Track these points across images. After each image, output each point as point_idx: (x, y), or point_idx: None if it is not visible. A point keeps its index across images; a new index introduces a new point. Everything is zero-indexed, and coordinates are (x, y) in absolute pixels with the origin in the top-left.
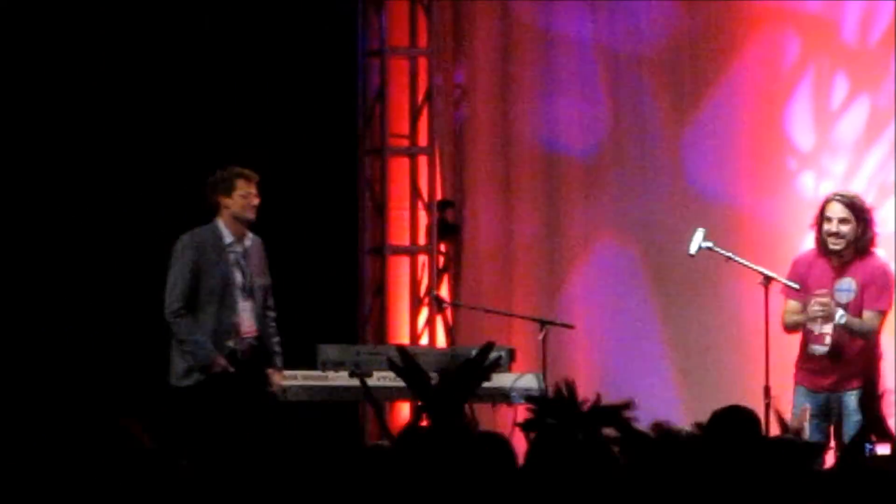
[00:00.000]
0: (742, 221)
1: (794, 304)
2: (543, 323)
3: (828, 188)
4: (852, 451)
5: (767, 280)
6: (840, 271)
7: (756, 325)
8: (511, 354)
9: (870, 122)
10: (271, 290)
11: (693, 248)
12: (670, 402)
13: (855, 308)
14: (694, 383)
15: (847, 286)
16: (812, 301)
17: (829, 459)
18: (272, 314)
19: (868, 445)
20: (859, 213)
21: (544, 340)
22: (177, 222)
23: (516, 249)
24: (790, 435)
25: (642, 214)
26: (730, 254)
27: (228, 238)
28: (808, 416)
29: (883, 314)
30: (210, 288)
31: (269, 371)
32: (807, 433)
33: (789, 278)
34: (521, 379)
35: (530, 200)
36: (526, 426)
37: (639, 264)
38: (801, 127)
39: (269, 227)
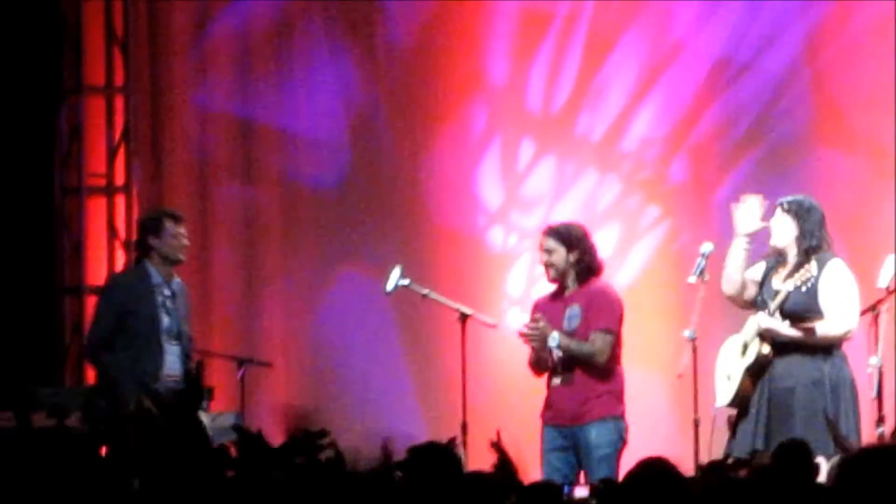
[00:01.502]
0: (448, 271)
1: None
2: (241, 361)
3: (514, 241)
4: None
5: (464, 317)
6: (568, 301)
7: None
8: (209, 393)
9: (556, 180)
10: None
11: (390, 286)
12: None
13: (583, 335)
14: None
15: (572, 314)
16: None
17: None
18: (192, 358)
19: (567, 488)
20: (569, 241)
21: (243, 379)
22: None
23: (213, 287)
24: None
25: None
26: (426, 291)
27: (157, 279)
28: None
29: (608, 334)
30: (136, 329)
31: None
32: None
33: (530, 318)
34: (219, 418)
35: (228, 238)
36: None
37: (358, 297)
38: (489, 187)
39: None
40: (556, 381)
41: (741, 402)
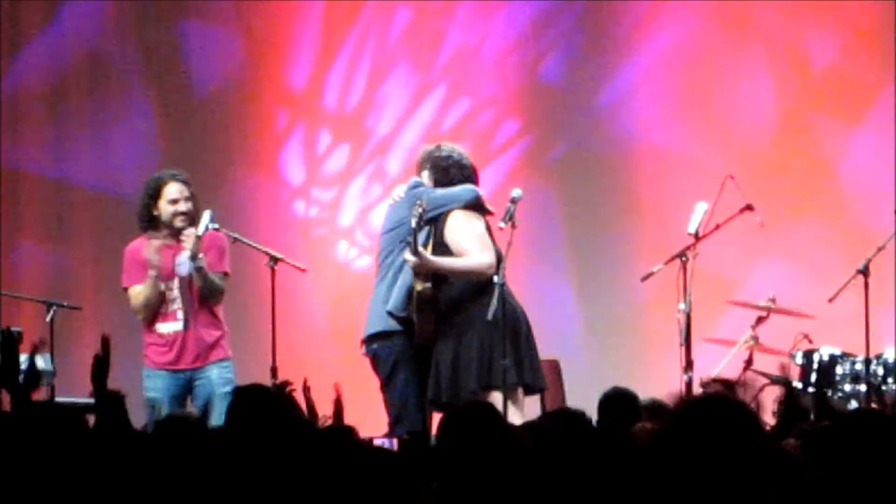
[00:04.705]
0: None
1: (138, 287)
2: (50, 304)
3: (315, 212)
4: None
5: (274, 260)
6: (179, 247)
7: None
8: (18, 336)
9: (349, 163)
10: None
11: (200, 230)
12: None
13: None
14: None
15: (184, 258)
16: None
17: None
18: None
19: None
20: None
21: (52, 322)
22: None
23: (23, 235)
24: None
25: None
26: (236, 235)
27: None
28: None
29: (227, 276)
30: None
31: None
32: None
33: (127, 267)
34: (29, 360)
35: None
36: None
37: None
38: (293, 169)
39: None
40: (176, 326)
41: (424, 339)
